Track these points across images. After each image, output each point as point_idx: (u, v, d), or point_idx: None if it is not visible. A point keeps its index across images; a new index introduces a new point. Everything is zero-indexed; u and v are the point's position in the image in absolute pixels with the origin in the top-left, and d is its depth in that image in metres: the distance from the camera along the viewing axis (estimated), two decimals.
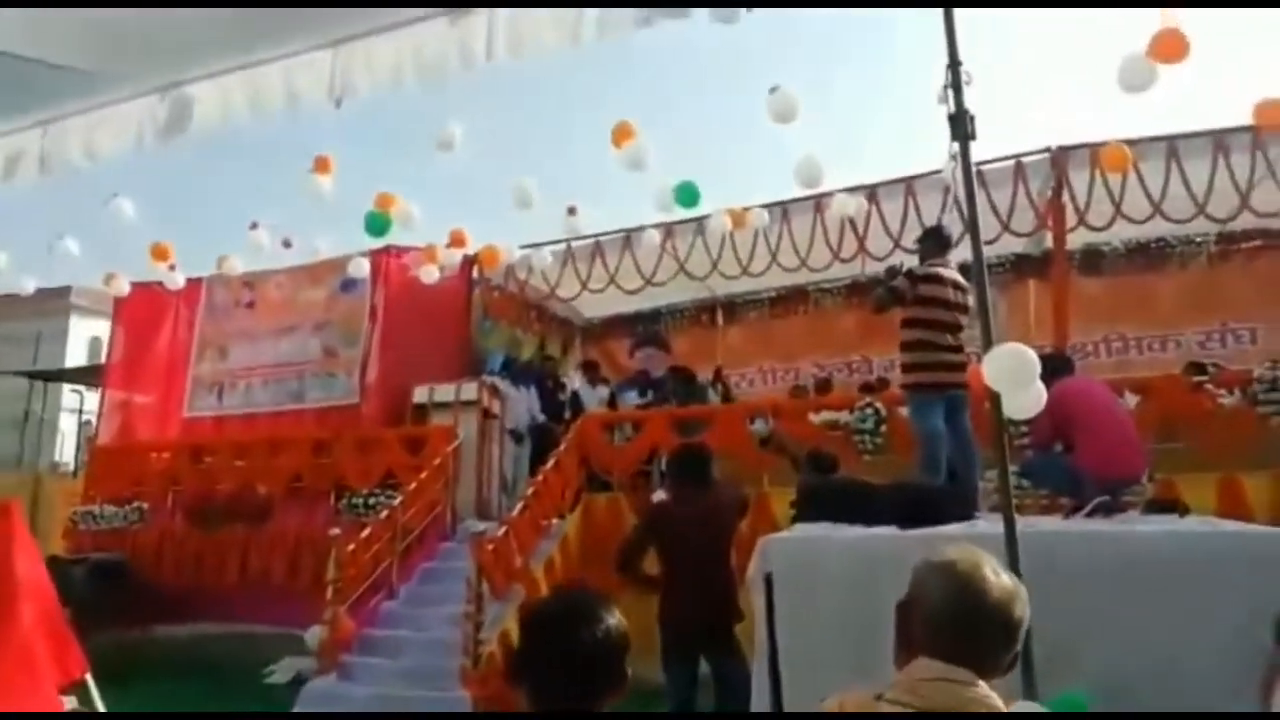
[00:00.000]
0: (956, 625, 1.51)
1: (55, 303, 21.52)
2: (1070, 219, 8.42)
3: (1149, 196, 7.97)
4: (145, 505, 10.16)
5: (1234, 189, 7.83)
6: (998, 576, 1.55)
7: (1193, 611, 3.47)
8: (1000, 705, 1.49)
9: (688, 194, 8.29)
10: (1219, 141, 7.86)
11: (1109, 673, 3.43)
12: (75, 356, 22.05)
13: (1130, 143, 7.81)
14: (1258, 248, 9.74)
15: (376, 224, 8.92)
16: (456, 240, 9.86)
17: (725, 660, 4.63)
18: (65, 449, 20.06)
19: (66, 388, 19.16)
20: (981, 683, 1.48)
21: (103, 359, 13.01)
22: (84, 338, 23.09)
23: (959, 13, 3.33)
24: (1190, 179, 7.87)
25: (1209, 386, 6.97)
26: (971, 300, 5.16)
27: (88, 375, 16.40)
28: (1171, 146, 7.96)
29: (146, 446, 11.12)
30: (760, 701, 4.09)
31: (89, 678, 3.77)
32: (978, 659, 1.50)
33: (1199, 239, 9.84)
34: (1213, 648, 3.30)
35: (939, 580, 1.56)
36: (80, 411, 18.23)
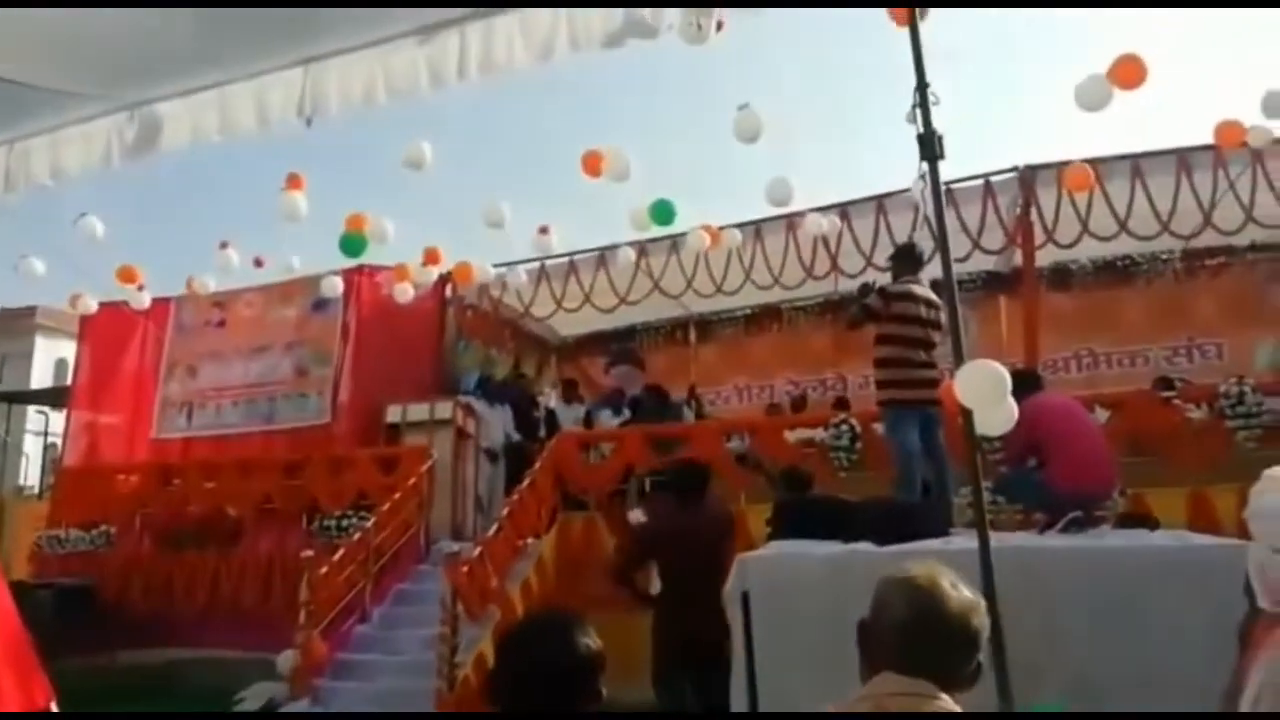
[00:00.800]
0: (916, 637, 1.53)
1: (20, 323, 21.22)
2: (1039, 237, 8.54)
3: (1115, 214, 8.09)
4: (113, 529, 9.97)
5: (1197, 207, 7.97)
6: (956, 589, 1.57)
7: (1164, 623, 3.51)
8: None
9: (663, 211, 8.32)
10: (1182, 160, 8.02)
11: (1083, 684, 3.46)
12: (41, 378, 21.69)
13: (1096, 161, 7.94)
14: (1221, 264, 9.93)
15: (352, 245, 8.88)
16: (430, 258, 9.83)
17: (714, 675, 4.60)
18: (30, 472, 19.70)
19: (31, 409, 18.85)
20: (944, 695, 1.49)
21: (69, 380, 12.80)
22: (50, 359, 22.71)
23: (926, 34, 3.37)
24: (1155, 197, 8.01)
25: (1177, 402, 7.07)
26: (944, 317, 5.21)
27: (53, 397, 16.13)
28: (1136, 165, 8.11)
29: (114, 469, 10.93)
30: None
31: (54, 706, 3.68)
32: (939, 670, 1.52)
33: (1165, 256, 10.02)
34: (1183, 658, 3.33)
35: (899, 594, 1.58)
36: (45, 434, 17.91)
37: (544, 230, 9.30)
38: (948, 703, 1.49)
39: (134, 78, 3.80)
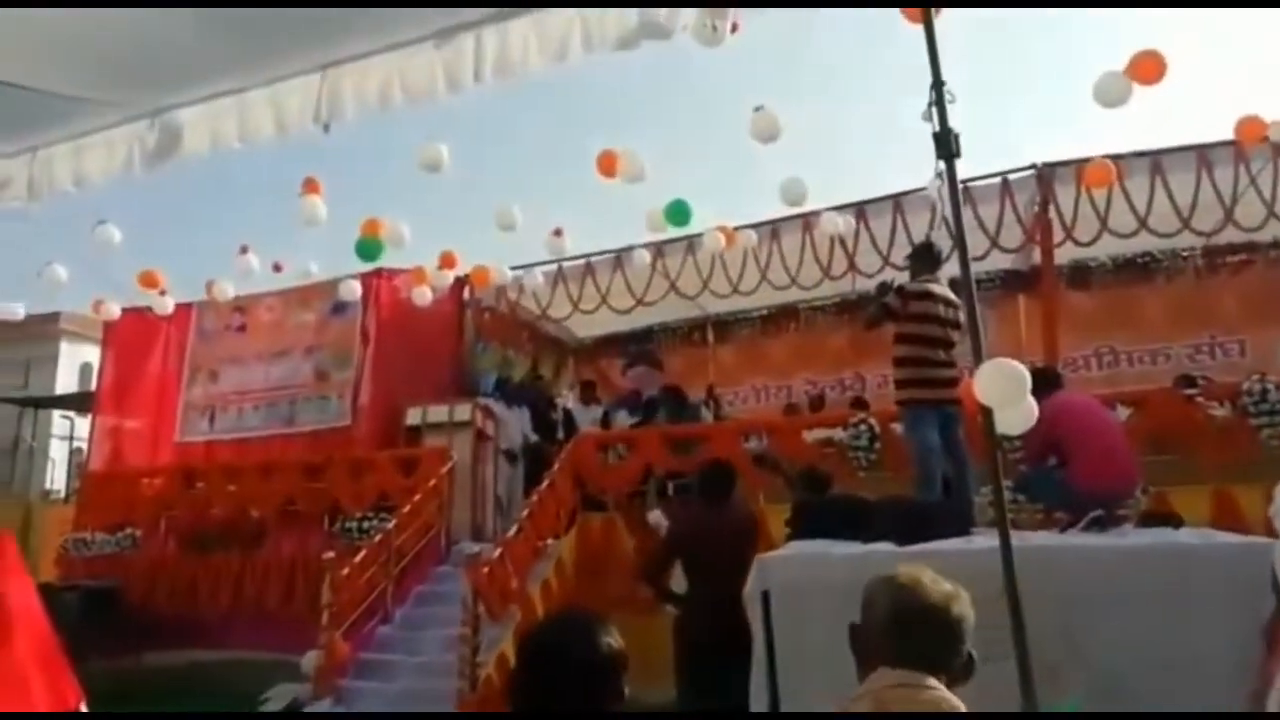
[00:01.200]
0: (902, 630, 1.61)
1: (45, 328, 21.40)
2: (1057, 234, 8.48)
3: (1134, 211, 8.03)
4: (137, 531, 10.10)
5: (1218, 203, 7.90)
6: (936, 583, 1.66)
7: (1188, 622, 3.48)
8: (959, 705, 1.54)
9: (679, 212, 8.31)
10: (1202, 156, 7.94)
11: (1106, 683, 3.44)
12: (66, 383, 21.91)
13: (1115, 158, 7.87)
14: (1243, 261, 9.83)
15: (368, 250, 8.92)
16: (447, 261, 9.88)
17: (736, 675, 4.60)
18: (56, 476, 19.92)
19: (57, 414, 19.05)
20: (937, 684, 1.54)
21: (93, 385, 12.95)
22: (74, 364, 22.94)
23: (942, 32, 3.36)
24: (1175, 194, 7.94)
25: (1199, 399, 7.00)
26: (962, 316, 5.18)
27: (78, 401, 16.31)
28: (1155, 161, 8.03)
29: (138, 472, 11.05)
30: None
31: (84, 707, 3.73)
32: (926, 659, 1.58)
33: (1185, 253, 9.93)
34: (1208, 657, 3.30)
35: (882, 592, 1.68)
36: (71, 438, 18.13)
37: (558, 232, 9.32)
38: (940, 690, 1.54)
39: (154, 85, 3.84)
